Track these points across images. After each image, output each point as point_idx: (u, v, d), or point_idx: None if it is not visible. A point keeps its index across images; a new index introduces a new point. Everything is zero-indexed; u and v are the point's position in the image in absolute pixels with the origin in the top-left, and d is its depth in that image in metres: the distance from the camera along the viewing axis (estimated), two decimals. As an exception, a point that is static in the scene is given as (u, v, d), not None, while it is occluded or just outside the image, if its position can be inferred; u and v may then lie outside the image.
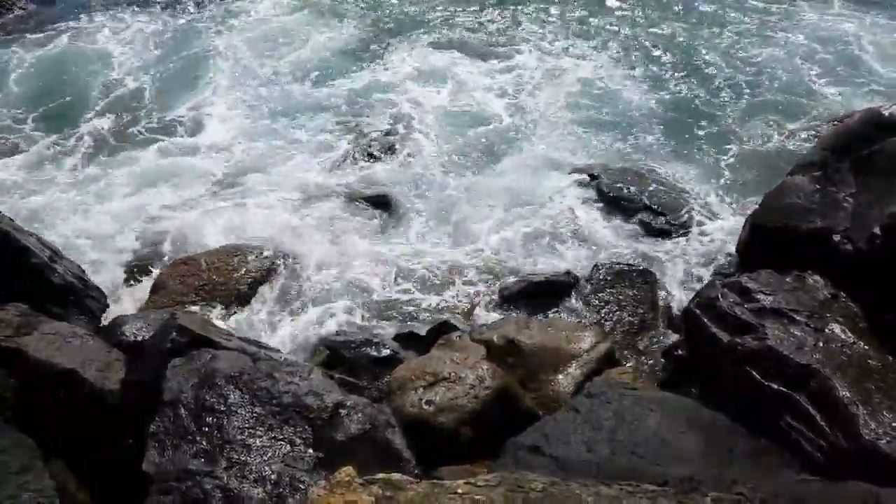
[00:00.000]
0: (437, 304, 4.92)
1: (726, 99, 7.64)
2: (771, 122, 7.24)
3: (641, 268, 5.04)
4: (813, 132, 6.51)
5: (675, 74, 8.15)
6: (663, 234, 5.46)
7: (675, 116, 7.40)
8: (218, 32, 9.13)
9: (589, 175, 6.01)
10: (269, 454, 2.82)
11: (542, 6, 9.72)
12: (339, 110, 7.52)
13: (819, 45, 8.52)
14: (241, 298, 4.93)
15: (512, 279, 5.08)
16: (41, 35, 8.79)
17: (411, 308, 4.86)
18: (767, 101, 7.56)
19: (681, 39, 8.88)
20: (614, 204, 5.74)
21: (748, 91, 7.77)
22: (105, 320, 4.28)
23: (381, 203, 5.95)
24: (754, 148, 6.86)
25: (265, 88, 7.99)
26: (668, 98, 7.72)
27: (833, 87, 7.77)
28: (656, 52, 8.59)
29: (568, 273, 5.04)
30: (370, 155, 6.55)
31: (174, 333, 3.38)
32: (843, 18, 9.15)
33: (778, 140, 6.90)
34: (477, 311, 4.85)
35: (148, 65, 8.43)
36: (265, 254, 5.22)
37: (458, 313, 4.83)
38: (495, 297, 4.95)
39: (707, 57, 8.47)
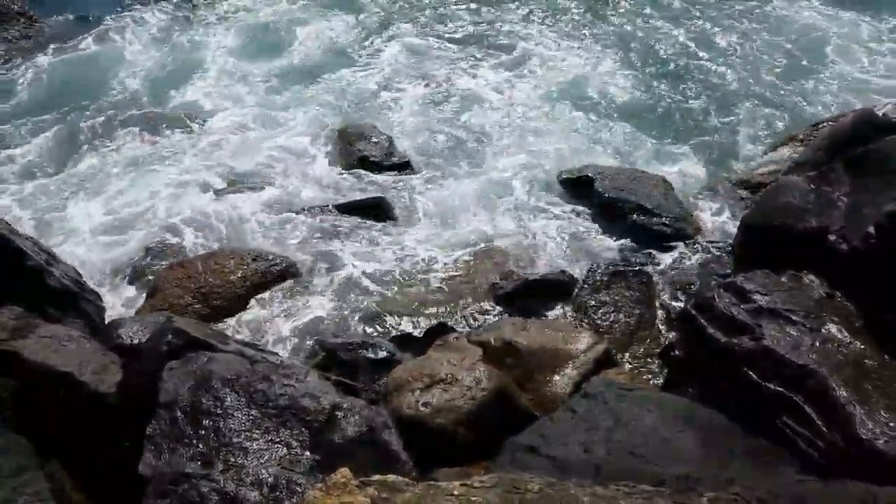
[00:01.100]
0: (434, 306, 4.92)
1: (719, 98, 7.68)
2: (764, 121, 7.28)
3: (637, 268, 5.05)
4: (806, 132, 6.53)
5: (668, 74, 8.19)
6: (659, 235, 5.45)
7: (668, 116, 7.44)
8: (219, 30, 9.16)
9: (583, 176, 6.01)
10: (266, 457, 2.81)
11: (534, 4, 9.77)
12: (333, 109, 7.55)
13: (805, 44, 8.60)
14: (237, 301, 4.92)
15: (507, 279, 5.07)
16: (54, 43, 8.80)
17: (408, 309, 4.86)
18: (760, 101, 7.61)
19: (670, 37, 8.93)
20: (609, 205, 5.73)
21: (741, 90, 7.81)
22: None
23: (375, 205, 5.94)
24: (749, 148, 6.89)
25: (262, 85, 8.02)
26: (660, 98, 7.76)
27: (826, 86, 7.83)
28: (650, 52, 8.63)
29: (563, 273, 5.04)
30: (364, 158, 6.54)
31: (170, 336, 3.38)
32: (829, 17, 9.24)
33: (772, 139, 6.93)
34: (473, 312, 4.85)
35: (148, 65, 8.45)
36: (261, 257, 5.21)
37: (455, 315, 4.83)
38: (491, 297, 4.95)
39: (697, 55, 8.52)
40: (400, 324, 4.75)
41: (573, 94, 7.74)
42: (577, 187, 6.02)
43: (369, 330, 4.68)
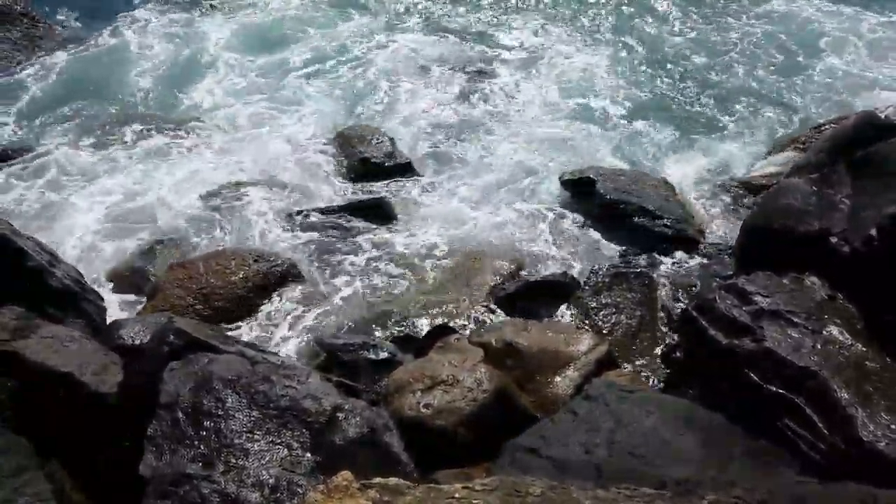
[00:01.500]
0: (435, 307, 4.92)
1: (721, 100, 7.68)
2: (766, 123, 7.28)
3: (639, 270, 5.04)
4: (808, 134, 6.52)
5: (672, 75, 8.19)
6: (660, 236, 5.45)
7: (671, 118, 7.43)
8: (225, 28, 9.17)
9: (585, 177, 6.01)
10: (267, 458, 2.81)
11: (538, 4, 9.78)
12: (336, 109, 7.56)
13: (807, 44, 8.59)
14: (239, 302, 4.92)
15: (508, 280, 5.07)
16: (58, 43, 8.80)
17: (409, 311, 4.86)
18: (762, 103, 7.61)
19: (675, 38, 8.93)
20: (611, 207, 5.73)
21: (743, 92, 7.81)
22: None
23: (376, 206, 5.94)
24: (751, 150, 6.88)
25: (267, 85, 8.03)
26: (663, 100, 7.76)
27: (828, 88, 7.83)
28: (654, 53, 8.63)
29: (565, 274, 5.04)
30: (365, 159, 6.53)
31: (171, 337, 3.38)
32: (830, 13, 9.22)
33: (773, 141, 6.92)
34: (475, 313, 4.85)
35: (152, 65, 8.47)
36: (262, 258, 5.21)
37: (456, 316, 4.83)
38: (493, 299, 4.95)
39: (701, 56, 8.53)
40: (401, 325, 4.75)
41: (576, 96, 7.74)
42: (579, 189, 6.01)
43: (370, 331, 4.68)
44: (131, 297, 5.17)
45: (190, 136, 7.11)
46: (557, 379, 3.83)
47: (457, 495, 1.94)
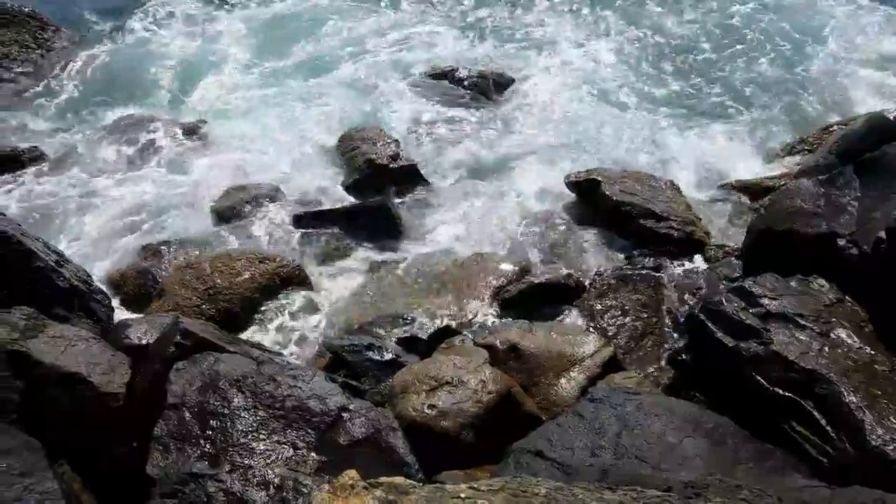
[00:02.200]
0: (440, 309, 4.92)
1: (728, 101, 7.65)
2: (774, 125, 7.24)
3: (644, 273, 5.02)
4: (816, 135, 6.49)
5: (678, 76, 8.16)
6: (666, 239, 5.43)
7: (677, 119, 7.40)
8: (231, 27, 9.21)
9: (590, 180, 5.99)
10: (273, 458, 2.83)
11: (547, 5, 9.79)
12: (342, 110, 7.56)
13: (817, 43, 8.52)
14: (244, 302, 4.94)
15: (513, 282, 5.07)
16: (66, 45, 8.86)
17: (414, 312, 4.86)
18: (770, 104, 7.57)
19: (680, 39, 8.90)
20: (616, 209, 5.71)
21: (751, 93, 7.77)
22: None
23: (380, 209, 5.94)
24: (759, 151, 6.86)
25: (274, 84, 8.06)
26: (668, 101, 7.74)
27: (837, 89, 7.77)
28: (660, 53, 8.61)
29: (570, 276, 5.04)
30: (370, 161, 6.53)
31: (178, 337, 3.40)
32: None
33: (782, 143, 6.89)
34: (479, 315, 4.85)
35: (160, 65, 8.52)
36: (268, 258, 5.23)
37: (461, 318, 4.83)
38: (497, 300, 4.94)
39: (708, 57, 8.49)
40: (406, 326, 4.75)
41: (584, 96, 7.73)
42: (585, 191, 6.00)
43: (375, 332, 4.69)
44: (138, 297, 5.20)
45: (197, 136, 7.13)
46: (562, 381, 3.82)
47: (462, 495, 1.94)
